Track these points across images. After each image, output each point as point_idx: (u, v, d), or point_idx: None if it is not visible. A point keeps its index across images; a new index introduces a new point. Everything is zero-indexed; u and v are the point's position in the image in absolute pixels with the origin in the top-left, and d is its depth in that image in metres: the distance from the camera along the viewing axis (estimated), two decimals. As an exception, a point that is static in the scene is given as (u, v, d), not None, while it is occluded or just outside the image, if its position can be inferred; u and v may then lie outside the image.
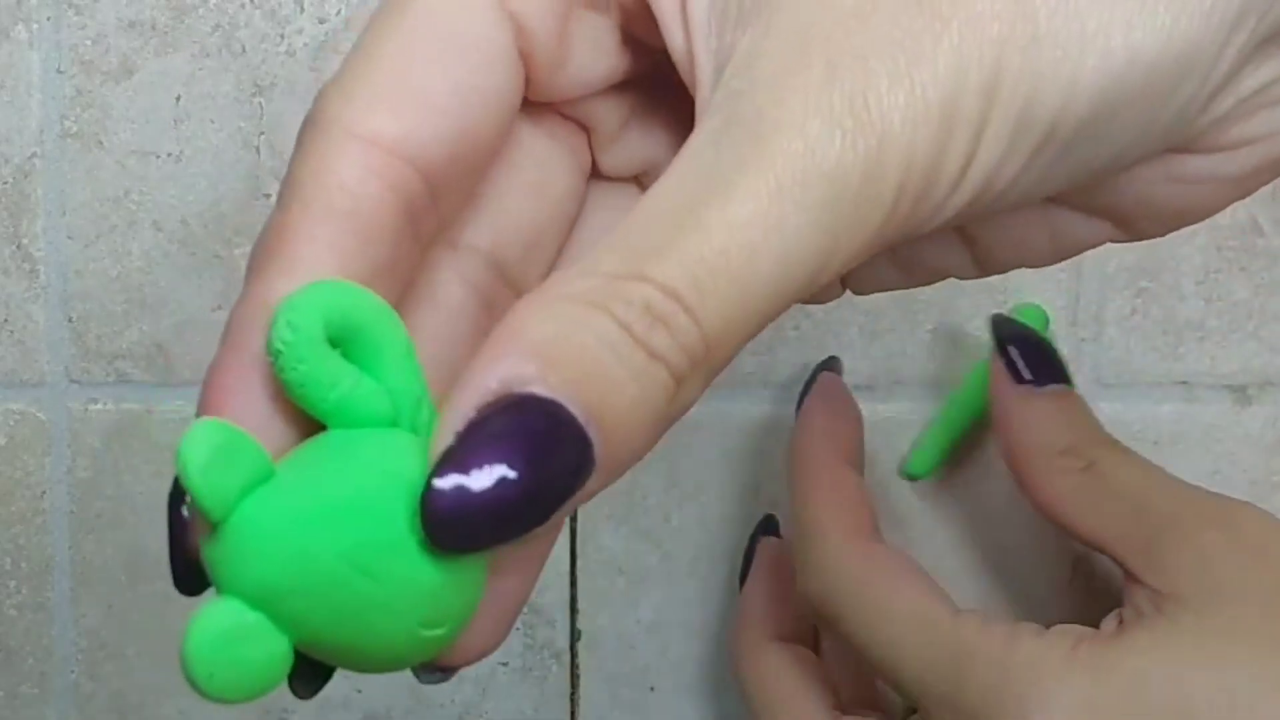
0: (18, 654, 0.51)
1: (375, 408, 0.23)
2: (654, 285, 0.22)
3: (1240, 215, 0.50)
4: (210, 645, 0.22)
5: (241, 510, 0.22)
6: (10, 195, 0.50)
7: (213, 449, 0.21)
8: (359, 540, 0.22)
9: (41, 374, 0.50)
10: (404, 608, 0.22)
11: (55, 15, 0.49)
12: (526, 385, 0.21)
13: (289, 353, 0.22)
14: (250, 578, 0.22)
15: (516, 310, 0.22)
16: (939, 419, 0.49)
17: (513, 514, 0.21)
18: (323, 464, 0.23)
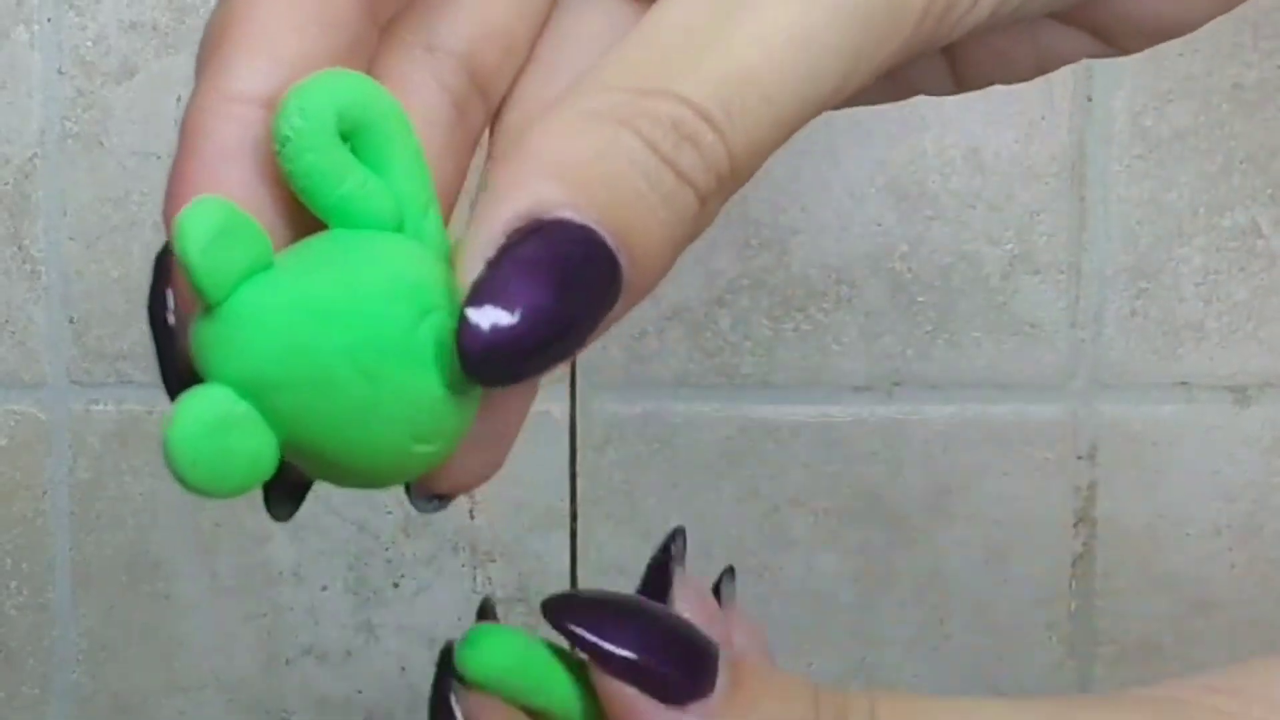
0: (18, 654, 0.51)
1: (380, 208, 0.22)
2: (682, 103, 0.21)
3: (1240, 217, 0.50)
4: (195, 433, 0.20)
5: (240, 294, 0.20)
6: (11, 196, 0.50)
7: (214, 226, 0.20)
8: (362, 339, 0.21)
9: (42, 375, 0.50)
10: (398, 416, 0.21)
11: (56, 16, 0.49)
12: (557, 210, 0.21)
13: (297, 140, 0.21)
14: (243, 365, 0.20)
15: (539, 126, 0.22)
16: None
17: (547, 345, 0.21)
18: (328, 260, 0.21)
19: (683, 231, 0.22)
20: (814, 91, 0.22)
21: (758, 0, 0.22)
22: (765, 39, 0.22)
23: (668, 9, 0.22)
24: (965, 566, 0.51)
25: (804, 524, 0.51)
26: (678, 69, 0.22)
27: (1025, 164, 0.50)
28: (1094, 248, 0.50)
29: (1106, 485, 0.51)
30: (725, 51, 0.22)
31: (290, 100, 0.21)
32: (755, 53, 0.22)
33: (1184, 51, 0.49)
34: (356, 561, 0.51)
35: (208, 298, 0.20)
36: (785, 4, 0.22)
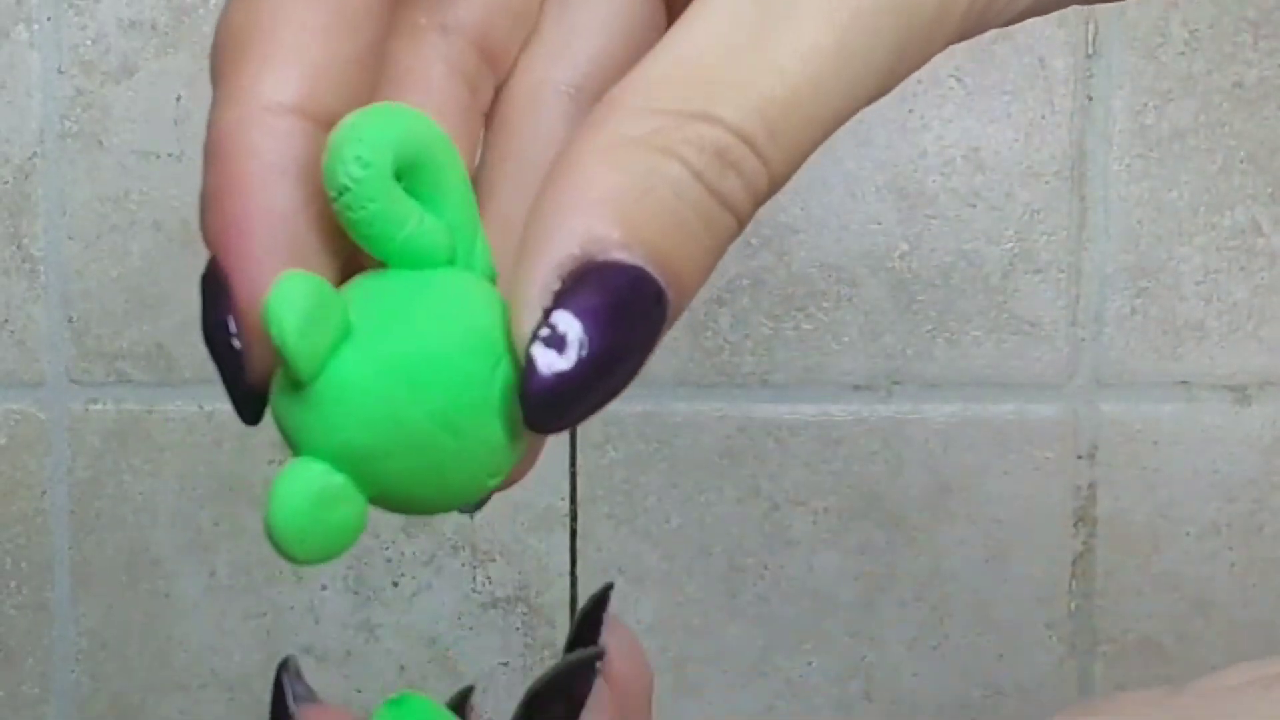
0: (18, 654, 0.51)
1: (437, 245, 0.22)
2: (725, 128, 0.21)
3: (1240, 216, 0.50)
4: (299, 510, 0.21)
5: (330, 371, 0.21)
6: (11, 195, 0.50)
7: (306, 308, 0.20)
8: (448, 400, 0.21)
9: (42, 374, 0.50)
10: (480, 461, 0.22)
11: (55, 15, 0.49)
12: (610, 252, 0.21)
13: (359, 190, 0.21)
14: (339, 438, 0.21)
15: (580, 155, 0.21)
16: None
17: (605, 387, 0.21)
18: (404, 316, 0.22)
19: (720, 253, 0.22)
20: (855, 100, 0.22)
21: (797, 12, 0.21)
22: (808, 54, 0.21)
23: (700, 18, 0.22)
24: (965, 565, 0.51)
25: (804, 523, 0.51)
26: (719, 89, 0.21)
27: (1025, 163, 0.50)
28: (1094, 247, 0.50)
29: (1107, 484, 0.51)
30: (767, 70, 0.21)
31: (345, 148, 0.21)
32: (798, 69, 0.21)
33: (1184, 51, 0.49)
34: (356, 561, 0.51)
35: (303, 378, 0.21)
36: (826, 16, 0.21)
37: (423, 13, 0.24)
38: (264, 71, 0.22)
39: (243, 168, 0.22)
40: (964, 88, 0.50)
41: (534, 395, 0.21)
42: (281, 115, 0.22)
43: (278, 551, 0.21)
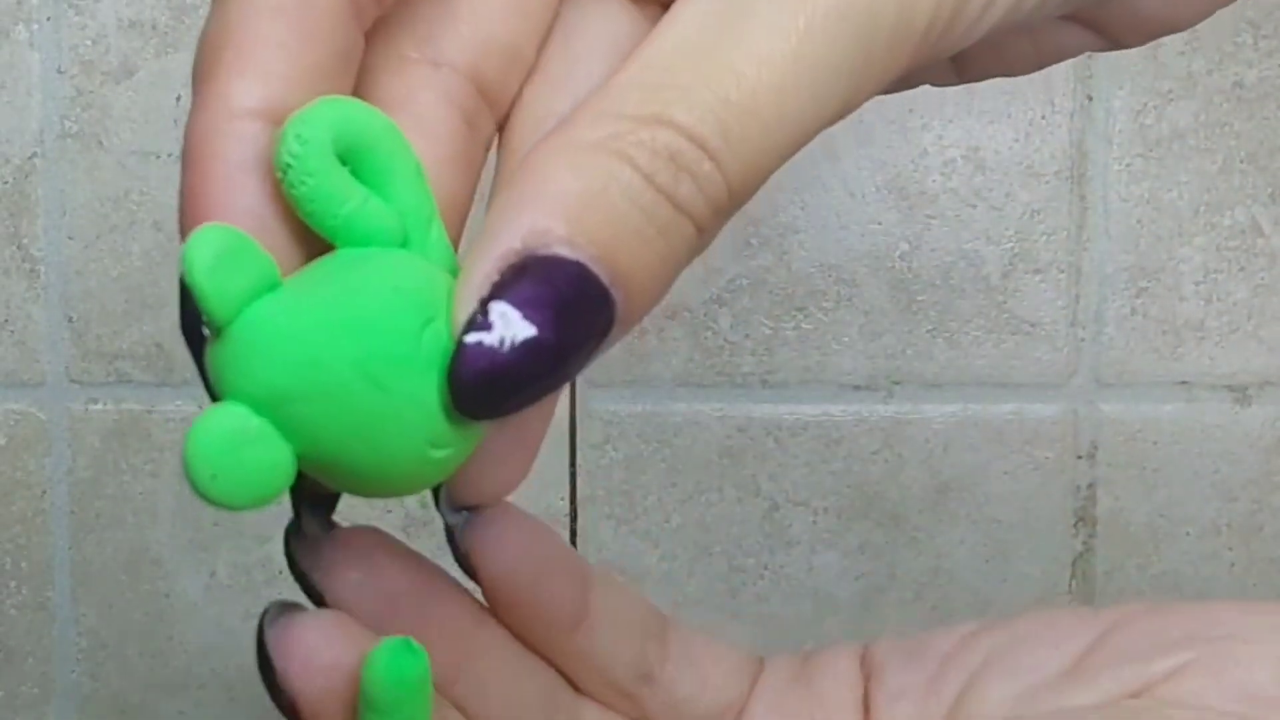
0: (18, 654, 0.51)
1: (385, 226, 0.22)
2: (678, 131, 0.21)
3: (1240, 216, 0.50)
4: (212, 447, 0.21)
5: (247, 314, 0.21)
6: (11, 195, 0.50)
7: (219, 251, 0.21)
8: (371, 350, 0.21)
9: (42, 374, 0.50)
10: (413, 423, 0.22)
11: (55, 15, 0.49)
12: (551, 246, 0.21)
13: (298, 165, 0.22)
14: (255, 381, 0.21)
15: (535, 158, 0.22)
16: None
17: (537, 380, 0.21)
18: (333, 277, 0.22)
19: (678, 261, 0.22)
20: (815, 113, 0.22)
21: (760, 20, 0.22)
22: (765, 60, 0.21)
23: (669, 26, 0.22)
24: (965, 565, 0.51)
25: (804, 523, 0.51)
26: (675, 93, 0.21)
27: (1025, 163, 0.50)
28: (1094, 247, 0.50)
29: (1107, 484, 0.51)
30: (723, 73, 0.21)
31: (288, 130, 0.22)
32: (754, 74, 0.21)
33: (1184, 51, 0.49)
34: (356, 561, 0.51)
35: (215, 320, 0.21)
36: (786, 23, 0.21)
37: (412, 47, 0.25)
38: (231, 79, 0.23)
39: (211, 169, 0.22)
40: (964, 88, 0.50)
41: (463, 381, 0.21)
42: (247, 119, 0.22)
43: (197, 493, 0.21)
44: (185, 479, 0.21)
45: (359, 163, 0.22)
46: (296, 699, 0.24)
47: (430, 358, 0.21)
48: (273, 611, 0.26)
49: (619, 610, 0.29)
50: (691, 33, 0.22)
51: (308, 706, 0.24)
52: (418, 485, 0.23)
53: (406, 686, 0.23)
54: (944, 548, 0.51)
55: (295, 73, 0.23)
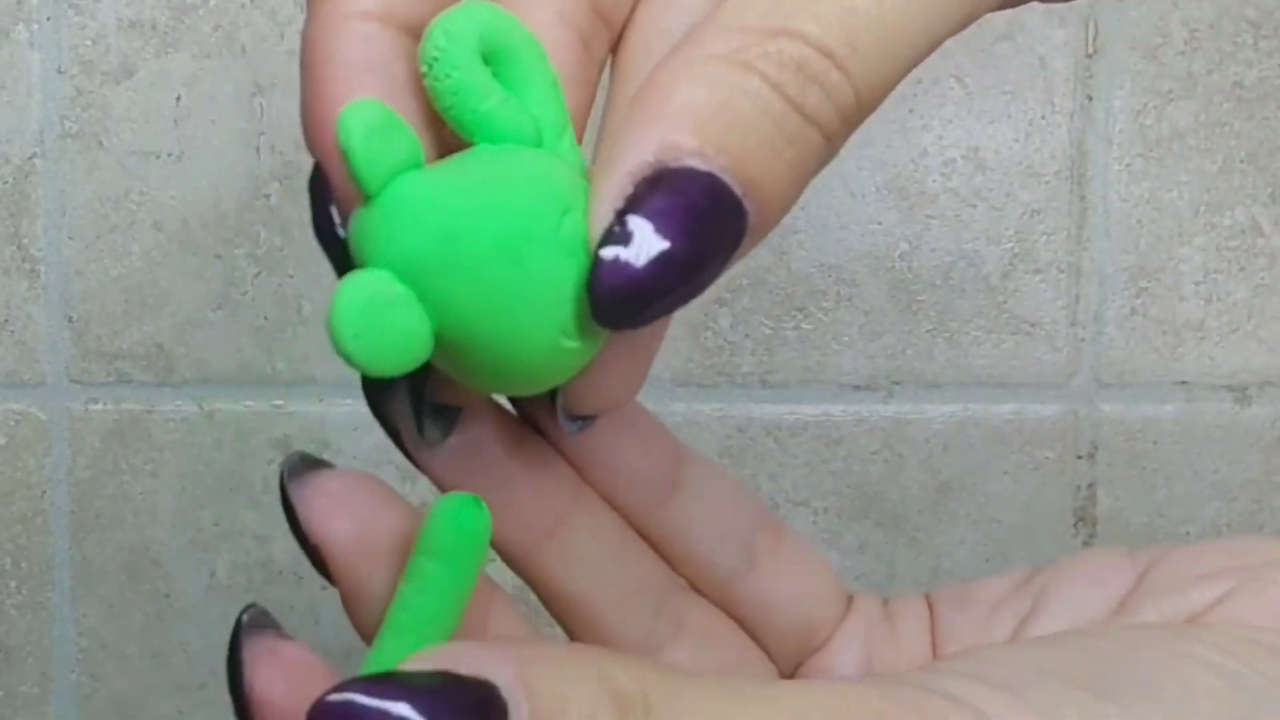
0: (18, 653, 0.51)
1: (520, 127, 0.23)
2: (806, 41, 0.21)
3: (1240, 216, 0.50)
4: (356, 309, 0.21)
5: (395, 185, 0.22)
6: (11, 195, 0.49)
7: (372, 122, 0.21)
8: (513, 228, 0.22)
9: (42, 374, 0.50)
10: (547, 306, 0.22)
11: (55, 15, 0.49)
12: (683, 158, 0.21)
13: (444, 59, 0.22)
14: (399, 249, 0.21)
15: (663, 72, 0.22)
16: None
17: (673, 291, 0.21)
18: (476, 163, 0.22)
19: (808, 171, 0.22)
20: (941, 19, 0.22)
21: None
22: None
23: None
24: (965, 566, 0.51)
25: (804, 523, 0.51)
26: (800, 6, 0.21)
27: (1025, 163, 0.50)
28: (1094, 247, 0.50)
29: (1107, 484, 0.51)
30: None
31: (436, 25, 0.22)
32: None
33: (1184, 51, 0.49)
34: (356, 561, 0.51)
35: (366, 187, 0.22)
36: None
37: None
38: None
39: (332, 71, 0.23)
40: (964, 88, 0.50)
41: (601, 293, 0.21)
42: (365, 20, 0.23)
43: (338, 351, 0.21)
44: (331, 340, 0.21)
45: (500, 66, 0.23)
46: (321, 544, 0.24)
47: (567, 245, 0.22)
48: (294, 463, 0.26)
49: (720, 490, 0.29)
50: None
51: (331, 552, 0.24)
52: (545, 376, 0.23)
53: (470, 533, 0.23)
54: (944, 548, 0.51)
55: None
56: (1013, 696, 0.22)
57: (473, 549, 0.23)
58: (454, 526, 0.23)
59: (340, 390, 0.50)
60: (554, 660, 0.21)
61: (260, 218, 0.50)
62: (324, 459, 0.26)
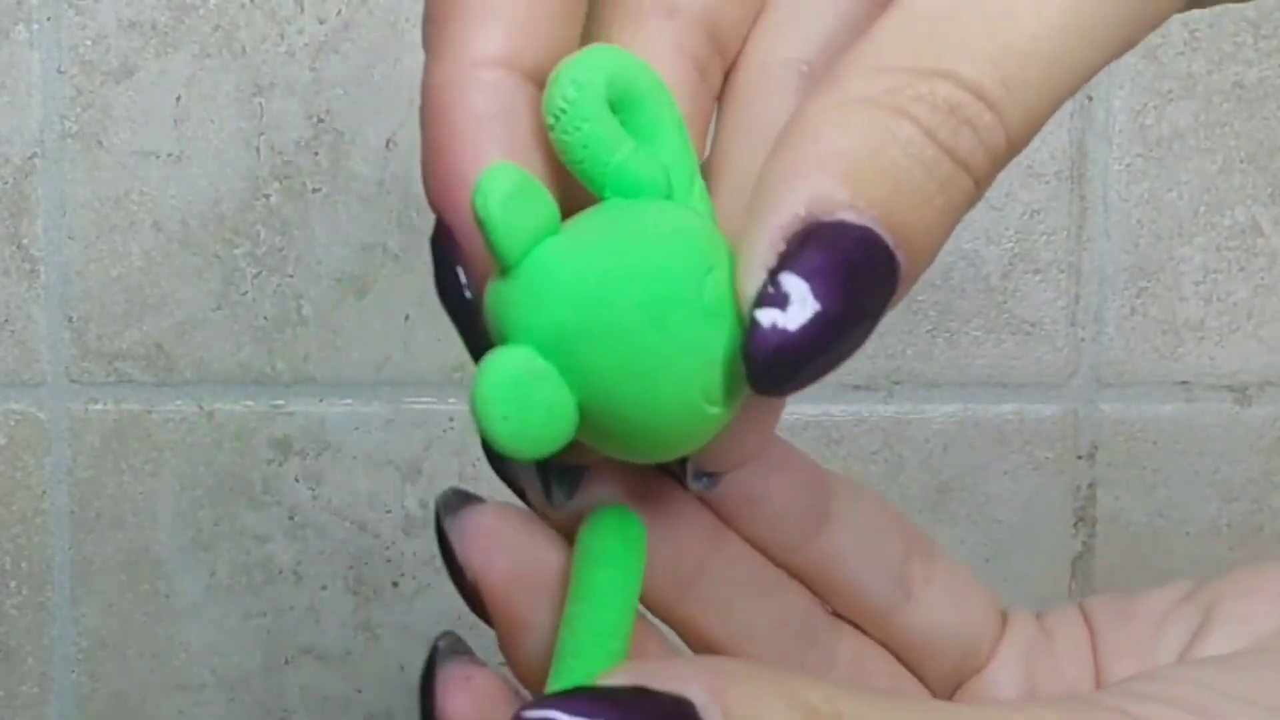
0: (18, 654, 0.51)
1: (651, 178, 0.22)
2: (958, 83, 0.20)
3: (1240, 216, 0.50)
4: (502, 387, 0.20)
5: (535, 254, 0.21)
6: (10, 195, 0.49)
7: (511, 189, 0.20)
8: (657, 293, 0.21)
9: (42, 374, 0.50)
10: (692, 372, 0.21)
11: (55, 15, 0.49)
12: (836, 211, 0.20)
13: (573, 111, 0.21)
14: (543, 321, 0.21)
15: (809, 117, 0.21)
16: None
17: (831, 351, 0.20)
18: (613, 223, 0.22)
19: (957, 215, 0.21)
20: (1098, 50, 0.21)
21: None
22: (1047, 3, 0.21)
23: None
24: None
25: (804, 523, 0.51)
26: (952, 44, 0.21)
27: (1025, 163, 0.50)
28: (1094, 247, 0.50)
29: (1106, 484, 0.51)
30: (1000, 18, 0.21)
31: (562, 74, 0.21)
32: (1033, 16, 0.21)
33: (1184, 51, 0.49)
34: (356, 561, 0.51)
35: (505, 258, 0.21)
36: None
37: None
38: (470, 29, 0.22)
39: (456, 122, 0.22)
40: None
41: (758, 357, 0.20)
42: (489, 68, 0.22)
43: (484, 435, 0.21)
44: (477, 424, 0.20)
45: (626, 112, 0.22)
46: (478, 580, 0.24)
47: (712, 307, 0.21)
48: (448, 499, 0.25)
49: (870, 517, 0.28)
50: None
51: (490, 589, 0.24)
52: (686, 443, 0.22)
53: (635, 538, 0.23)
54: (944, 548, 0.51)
55: (536, 21, 0.22)
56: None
57: (639, 553, 0.23)
58: (619, 532, 0.23)
59: (340, 390, 0.50)
60: (747, 679, 0.20)
61: (260, 217, 0.50)
62: (476, 494, 0.25)
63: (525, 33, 0.22)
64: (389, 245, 0.50)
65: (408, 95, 0.49)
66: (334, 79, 0.49)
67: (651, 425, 0.21)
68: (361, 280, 0.50)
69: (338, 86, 0.49)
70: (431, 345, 0.50)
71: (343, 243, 0.50)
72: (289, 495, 0.51)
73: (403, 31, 0.49)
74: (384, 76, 0.49)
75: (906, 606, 0.28)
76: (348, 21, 0.49)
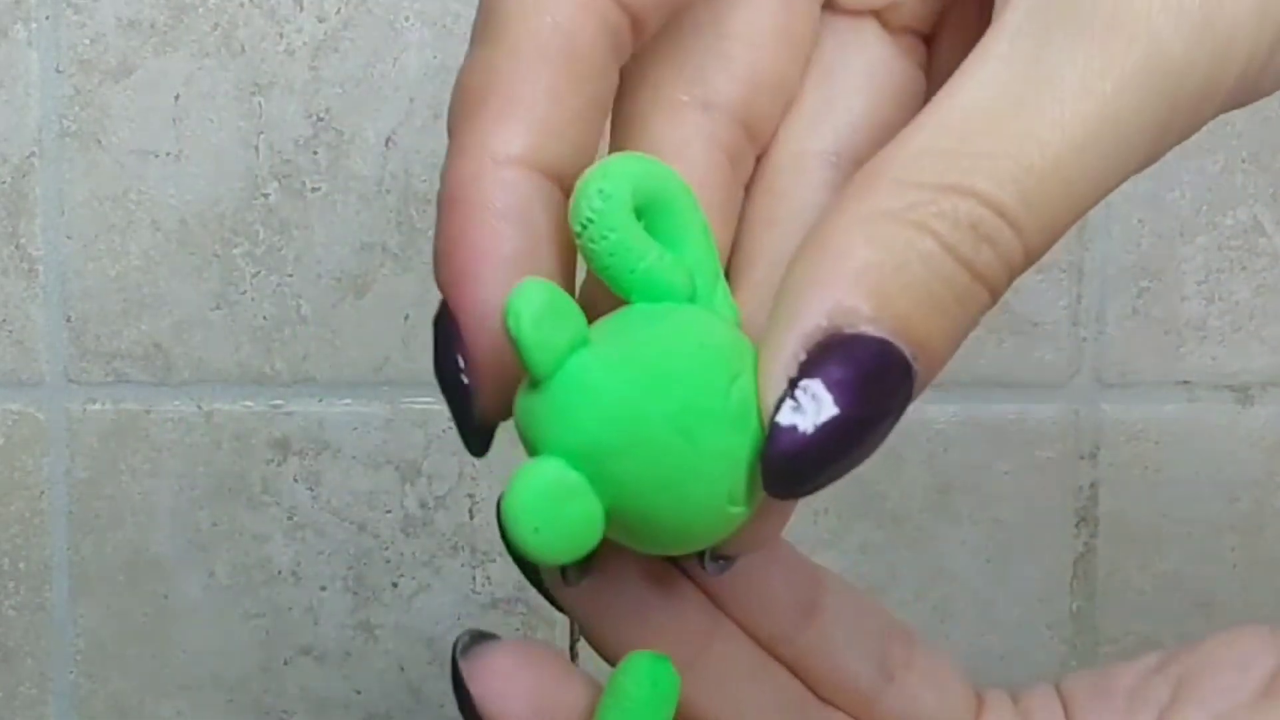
0: (16, 655, 0.51)
1: (676, 282, 0.23)
2: (980, 200, 0.21)
3: (1242, 215, 0.50)
4: (536, 501, 0.21)
5: (568, 369, 0.22)
6: (9, 195, 0.49)
7: (543, 305, 0.21)
8: (685, 405, 0.22)
9: (40, 374, 0.50)
10: (717, 478, 0.22)
11: (54, 14, 0.49)
12: (858, 324, 0.21)
13: (600, 221, 0.22)
14: (575, 435, 0.22)
15: (831, 231, 0.22)
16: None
17: (846, 458, 0.22)
18: (641, 334, 0.22)
19: (971, 325, 0.22)
20: (1118, 171, 0.22)
21: (1061, 82, 0.21)
22: (1069, 124, 0.21)
23: (962, 87, 0.22)
24: (967, 566, 0.51)
25: (804, 523, 0.51)
26: (976, 161, 0.21)
27: (1027, 162, 0.50)
28: (1096, 246, 0.50)
29: (1108, 484, 0.51)
30: (1025, 139, 0.21)
31: (589, 184, 0.22)
32: (1058, 139, 0.21)
33: (1186, 49, 0.49)
34: (355, 562, 0.51)
35: (538, 373, 0.22)
36: (1095, 87, 0.21)
37: (683, 89, 0.25)
38: (494, 127, 0.23)
39: (473, 216, 0.23)
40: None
41: (775, 462, 0.21)
42: (510, 167, 0.23)
43: (515, 547, 0.21)
44: (505, 533, 0.21)
45: (653, 217, 0.23)
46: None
47: (737, 414, 0.22)
48: (464, 641, 0.26)
49: (854, 608, 0.29)
50: (989, 95, 0.22)
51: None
52: (708, 540, 0.23)
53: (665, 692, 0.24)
54: (945, 548, 0.51)
55: (559, 120, 0.23)
56: None
57: (667, 706, 0.24)
58: (649, 682, 0.24)
59: (340, 390, 0.50)
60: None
61: (259, 217, 0.49)
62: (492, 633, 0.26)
63: (547, 132, 0.23)
64: (388, 245, 0.50)
65: (407, 94, 0.49)
66: (333, 78, 0.49)
67: (677, 527, 0.22)
68: (361, 280, 0.50)
69: (337, 85, 0.49)
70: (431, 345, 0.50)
71: (342, 242, 0.50)
72: (288, 495, 0.50)
73: (402, 30, 0.49)
74: (383, 75, 0.49)
75: (889, 690, 0.29)
76: (347, 20, 0.49)
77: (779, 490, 0.21)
